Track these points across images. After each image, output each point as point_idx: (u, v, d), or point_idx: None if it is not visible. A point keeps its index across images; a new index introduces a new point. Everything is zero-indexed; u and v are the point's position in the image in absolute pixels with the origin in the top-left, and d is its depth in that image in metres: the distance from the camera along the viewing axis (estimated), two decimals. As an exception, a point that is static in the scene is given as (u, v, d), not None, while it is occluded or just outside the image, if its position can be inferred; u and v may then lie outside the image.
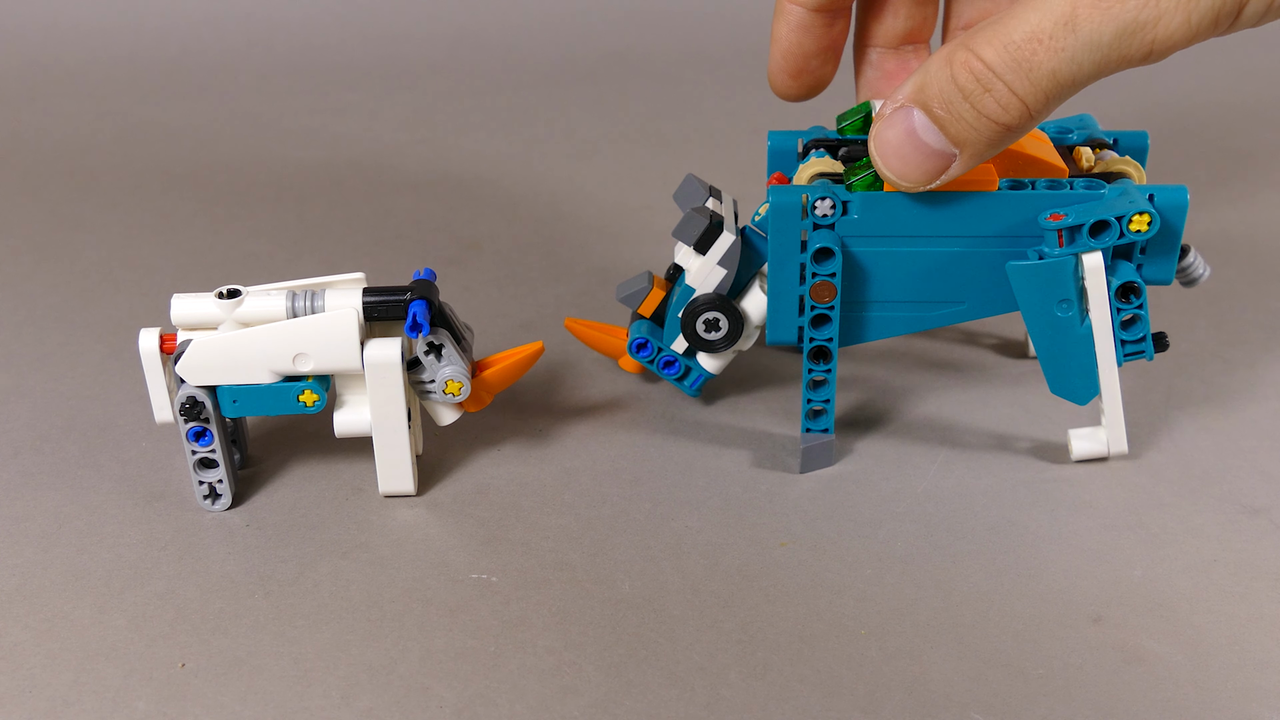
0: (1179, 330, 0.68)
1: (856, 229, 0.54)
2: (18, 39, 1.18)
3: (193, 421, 0.53)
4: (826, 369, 0.57)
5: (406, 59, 1.16)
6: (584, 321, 0.63)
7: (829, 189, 0.53)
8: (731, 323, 0.58)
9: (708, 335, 0.58)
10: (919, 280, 0.55)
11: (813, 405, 0.58)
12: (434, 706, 0.45)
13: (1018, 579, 0.51)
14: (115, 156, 0.95)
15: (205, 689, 0.46)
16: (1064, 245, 0.52)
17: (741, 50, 1.18)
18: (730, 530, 0.54)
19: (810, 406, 0.58)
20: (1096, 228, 0.51)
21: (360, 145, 0.97)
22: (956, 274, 0.55)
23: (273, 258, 0.79)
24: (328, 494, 0.56)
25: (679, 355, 0.60)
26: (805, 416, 0.58)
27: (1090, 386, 0.55)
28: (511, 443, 0.60)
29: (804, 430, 0.58)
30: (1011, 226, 0.53)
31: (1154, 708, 0.45)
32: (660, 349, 0.60)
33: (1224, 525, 0.54)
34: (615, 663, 0.47)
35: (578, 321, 0.63)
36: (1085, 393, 0.55)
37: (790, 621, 0.49)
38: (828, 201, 0.53)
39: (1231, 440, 0.60)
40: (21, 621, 0.49)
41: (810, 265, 0.54)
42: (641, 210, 0.86)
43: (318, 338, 0.52)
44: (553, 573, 0.52)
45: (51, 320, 0.72)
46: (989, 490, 0.56)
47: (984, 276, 0.55)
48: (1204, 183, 0.89)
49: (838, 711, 0.45)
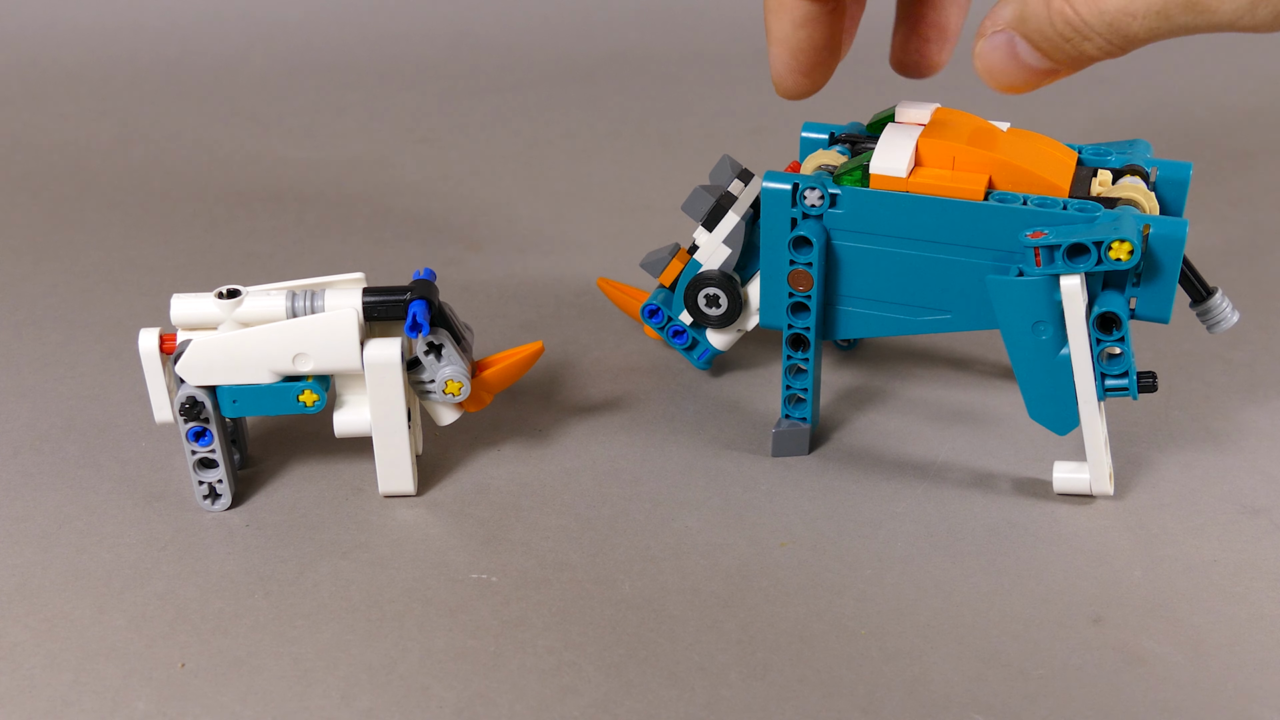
0: (1179, 330, 0.68)
1: (843, 223, 0.54)
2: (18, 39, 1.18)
3: (192, 421, 0.53)
4: (805, 357, 0.57)
5: (406, 59, 1.16)
6: (614, 283, 0.66)
7: (820, 180, 0.53)
8: (730, 301, 0.59)
9: (707, 310, 0.60)
10: (902, 282, 0.55)
11: (792, 391, 0.58)
12: (434, 706, 0.45)
13: (1018, 579, 0.51)
14: (115, 156, 0.95)
15: (205, 689, 0.46)
16: (1041, 265, 0.50)
17: (741, 50, 1.18)
18: (730, 530, 0.54)
19: (789, 393, 0.58)
20: (1073, 250, 0.49)
21: (360, 145, 0.97)
22: (940, 281, 0.54)
23: (273, 258, 0.79)
24: (328, 494, 0.56)
25: (687, 327, 0.62)
26: (784, 402, 0.58)
27: (1069, 417, 0.53)
28: (511, 443, 0.60)
29: (782, 415, 0.59)
30: (994, 239, 0.52)
31: (1154, 708, 0.45)
32: (670, 318, 0.62)
33: (1224, 525, 0.54)
34: (615, 663, 0.47)
35: (609, 282, 0.66)
36: (1064, 423, 0.53)
37: (790, 621, 0.49)
38: (816, 192, 0.53)
39: (1231, 440, 0.60)
40: (21, 621, 0.49)
41: (789, 252, 0.54)
42: (641, 210, 0.86)
43: (318, 338, 0.52)
44: (553, 573, 0.52)
45: (51, 320, 0.72)
46: (989, 490, 0.56)
47: (969, 288, 0.54)
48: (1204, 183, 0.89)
49: (838, 711, 0.45)
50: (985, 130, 0.55)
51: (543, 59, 1.17)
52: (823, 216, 0.54)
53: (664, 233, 0.82)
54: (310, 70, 1.13)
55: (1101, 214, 0.51)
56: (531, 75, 1.13)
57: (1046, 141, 0.55)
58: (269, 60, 1.16)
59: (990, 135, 0.54)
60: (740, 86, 1.09)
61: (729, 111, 1.04)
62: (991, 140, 0.54)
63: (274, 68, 1.14)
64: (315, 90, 1.09)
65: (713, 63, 1.16)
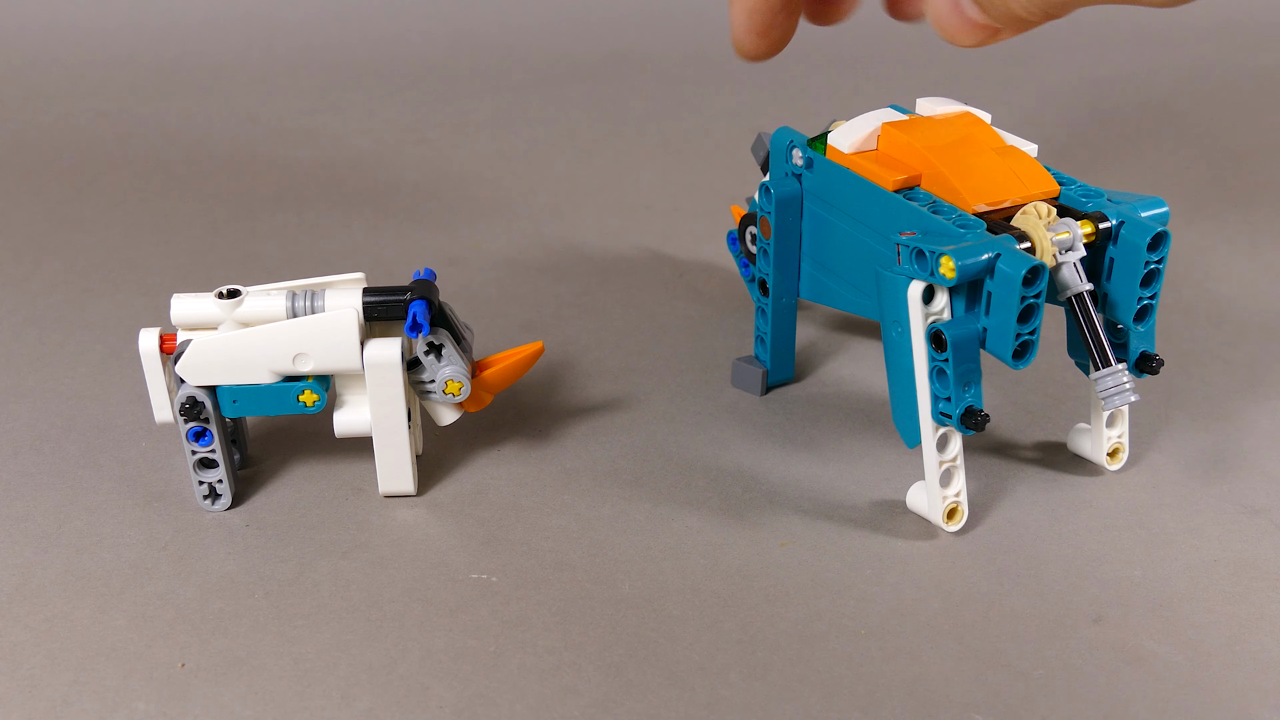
0: (1179, 330, 0.68)
1: (811, 186, 0.57)
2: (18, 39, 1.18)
3: (193, 421, 0.53)
4: (765, 301, 0.61)
5: (406, 59, 1.16)
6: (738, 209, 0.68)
7: (803, 142, 0.57)
8: None
9: (751, 246, 0.63)
10: (840, 255, 0.57)
11: (759, 333, 0.63)
12: (434, 706, 0.45)
13: (1018, 579, 0.51)
14: (115, 156, 0.95)
15: (205, 689, 0.46)
16: (900, 263, 0.50)
17: (741, 50, 1.17)
18: (730, 530, 0.54)
19: (757, 334, 0.63)
20: (918, 255, 0.49)
21: (360, 145, 0.97)
22: (861, 262, 0.56)
23: (273, 258, 0.79)
24: (328, 494, 0.56)
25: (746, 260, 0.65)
26: (755, 341, 0.64)
27: (914, 431, 0.52)
28: (511, 443, 0.60)
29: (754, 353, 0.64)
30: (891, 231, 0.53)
31: (1154, 708, 0.45)
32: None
33: (1224, 525, 0.54)
34: (615, 663, 0.47)
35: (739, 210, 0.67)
36: (909, 436, 0.52)
37: (790, 621, 0.49)
38: (798, 153, 0.57)
39: (1231, 440, 0.60)
40: (21, 621, 0.49)
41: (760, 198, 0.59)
42: (641, 210, 0.86)
43: (318, 338, 0.52)
44: (553, 573, 0.52)
45: (51, 320, 0.72)
46: (989, 490, 0.56)
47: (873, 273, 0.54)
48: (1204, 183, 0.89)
49: (838, 711, 0.45)
50: (960, 140, 0.54)
51: (543, 59, 1.17)
52: (802, 176, 0.57)
53: (664, 233, 0.82)
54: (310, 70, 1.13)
55: (977, 233, 0.49)
56: (531, 75, 1.13)
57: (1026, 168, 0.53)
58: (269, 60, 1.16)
59: (958, 146, 0.54)
60: (740, 86, 1.10)
61: (729, 111, 1.05)
62: (950, 150, 0.54)
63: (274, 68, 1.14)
64: (315, 90, 1.09)
65: (713, 63, 1.16)
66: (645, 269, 0.77)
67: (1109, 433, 0.56)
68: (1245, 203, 0.86)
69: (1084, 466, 0.58)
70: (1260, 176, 0.91)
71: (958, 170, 0.53)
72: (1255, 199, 0.87)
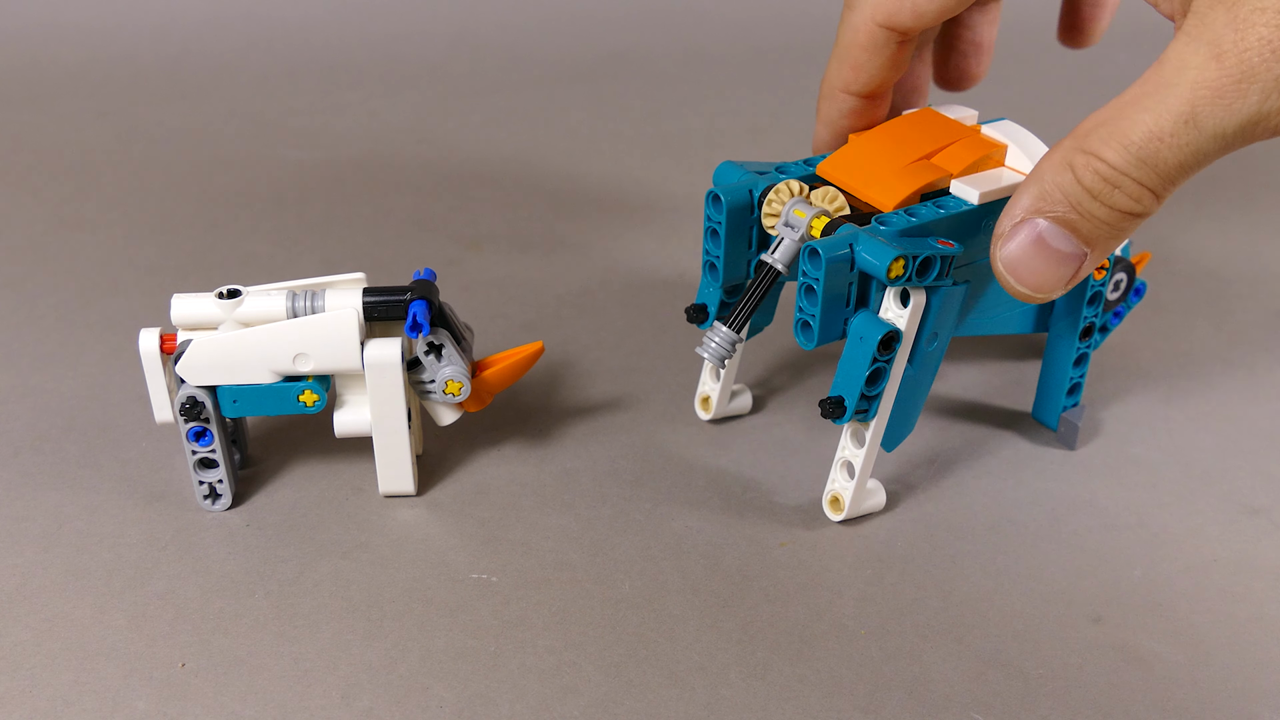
0: (1179, 330, 0.68)
1: None
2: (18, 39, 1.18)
3: (193, 421, 0.53)
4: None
5: (406, 59, 1.16)
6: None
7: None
8: None
9: None
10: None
11: None
12: (434, 706, 0.45)
13: (1018, 579, 0.51)
14: (115, 156, 0.95)
15: (205, 689, 0.46)
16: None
17: (741, 50, 1.18)
18: (730, 530, 0.54)
19: None
20: None
21: (360, 145, 0.97)
22: None
23: (273, 258, 0.79)
24: (328, 494, 0.56)
25: None
26: None
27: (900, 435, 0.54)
28: (511, 443, 0.60)
29: None
30: None
31: (1154, 708, 0.45)
32: None
33: (1224, 525, 0.54)
34: (615, 663, 0.47)
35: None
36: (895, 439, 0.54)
37: (790, 621, 0.49)
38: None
39: (1231, 440, 0.60)
40: (21, 621, 0.49)
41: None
42: (642, 210, 0.86)
43: (318, 338, 0.52)
44: (553, 573, 0.52)
45: (51, 320, 0.72)
46: (989, 490, 0.56)
47: None
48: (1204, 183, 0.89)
49: (838, 711, 0.45)
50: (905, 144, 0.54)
51: (543, 59, 1.17)
52: None
53: (664, 233, 0.82)
54: (310, 70, 1.13)
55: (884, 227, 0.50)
56: (531, 75, 1.13)
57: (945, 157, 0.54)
58: (269, 60, 1.16)
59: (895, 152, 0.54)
60: (740, 86, 1.10)
61: (729, 111, 1.05)
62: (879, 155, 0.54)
63: (274, 68, 1.14)
64: (315, 90, 1.09)
65: (713, 63, 1.16)
66: (645, 269, 0.77)
67: (716, 386, 0.60)
68: (1245, 203, 0.86)
69: (1083, 466, 0.58)
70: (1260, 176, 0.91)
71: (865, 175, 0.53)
72: (1255, 199, 0.87)
